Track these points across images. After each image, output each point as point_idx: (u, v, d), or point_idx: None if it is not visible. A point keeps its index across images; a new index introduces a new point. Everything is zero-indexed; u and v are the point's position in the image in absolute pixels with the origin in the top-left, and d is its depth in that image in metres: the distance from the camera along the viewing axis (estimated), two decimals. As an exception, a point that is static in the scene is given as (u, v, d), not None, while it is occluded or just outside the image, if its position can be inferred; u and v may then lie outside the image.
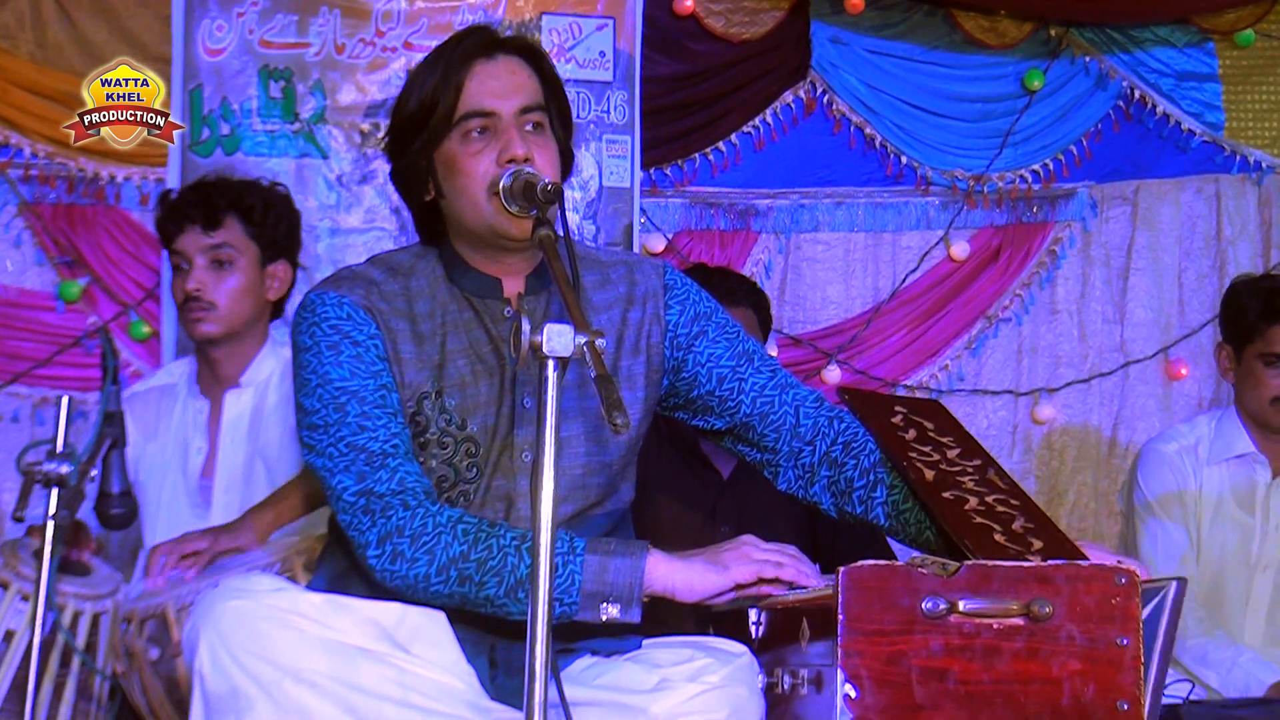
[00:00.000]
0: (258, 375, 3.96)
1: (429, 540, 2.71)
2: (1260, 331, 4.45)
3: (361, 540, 2.74)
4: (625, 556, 2.70)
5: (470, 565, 2.69)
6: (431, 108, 2.87)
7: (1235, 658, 4.25)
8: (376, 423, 2.78)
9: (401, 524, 2.72)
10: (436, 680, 2.67)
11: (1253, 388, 4.49)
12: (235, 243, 3.91)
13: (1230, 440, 4.53)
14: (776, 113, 5.43)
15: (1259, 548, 4.49)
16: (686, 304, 3.02)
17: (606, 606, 2.68)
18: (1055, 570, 2.48)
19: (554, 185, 2.73)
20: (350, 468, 2.76)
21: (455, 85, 2.86)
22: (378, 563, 2.72)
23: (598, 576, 2.68)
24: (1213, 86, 5.59)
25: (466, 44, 2.91)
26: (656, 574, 2.70)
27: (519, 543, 2.70)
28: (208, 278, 3.89)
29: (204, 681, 2.60)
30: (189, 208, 3.90)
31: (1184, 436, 4.59)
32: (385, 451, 2.77)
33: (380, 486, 2.74)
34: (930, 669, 2.45)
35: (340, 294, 2.86)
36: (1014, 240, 5.57)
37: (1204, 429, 4.59)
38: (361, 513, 2.74)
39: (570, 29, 5.08)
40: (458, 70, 2.87)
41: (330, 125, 4.95)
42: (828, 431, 3.02)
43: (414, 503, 2.74)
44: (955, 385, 5.52)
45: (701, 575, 2.72)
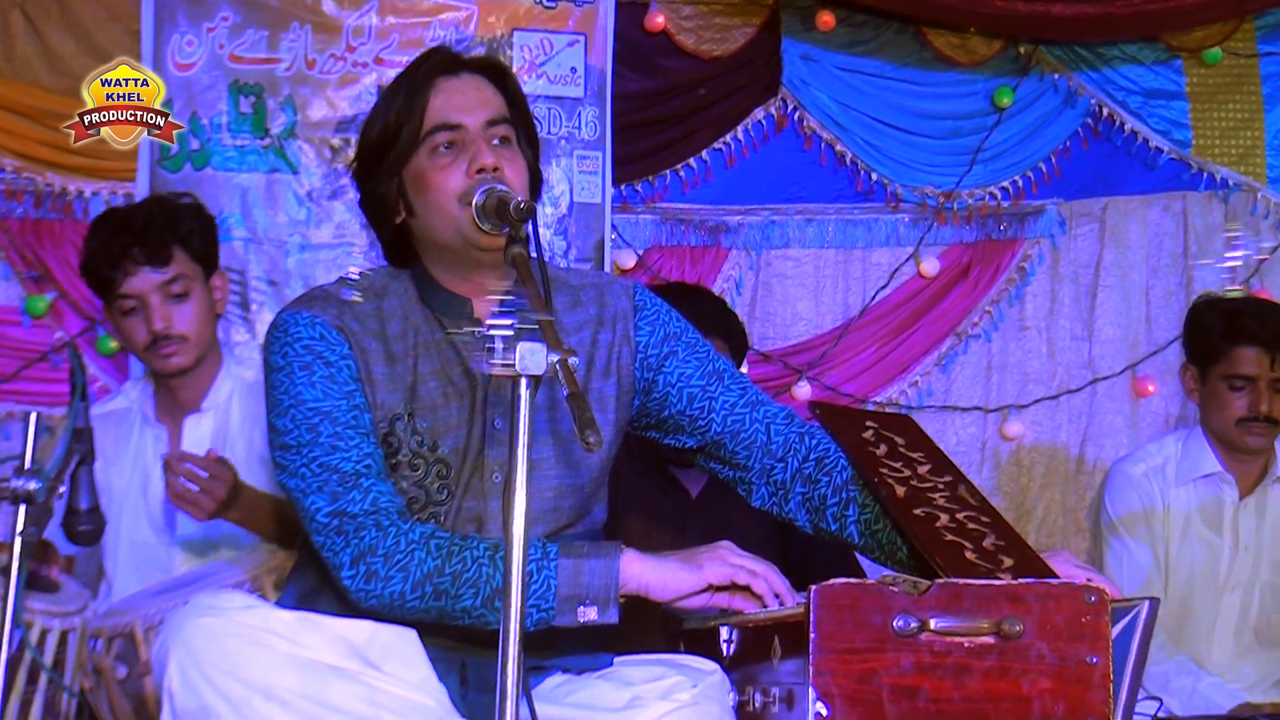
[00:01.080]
0: (218, 399, 3.93)
1: (402, 558, 2.70)
2: (1224, 353, 4.43)
3: (336, 561, 2.73)
4: (599, 558, 2.70)
5: (445, 579, 2.69)
6: (398, 128, 2.87)
7: (1195, 684, 4.26)
8: (349, 443, 2.78)
9: (375, 543, 2.71)
10: (407, 698, 2.65)
11: (1218, 409, 4.48)
12: (187, 272, 3.86)
13: (1197, 460, 4.52)
14: (747, 129, 5.44)
15: (1227, 568, 4.49)
16: (656, 324, 3.03)
17: (584, 609, 2.68)
18: (1026, 589, 2.48)
19: (527, 204, 2.72)
20: (323, 488, 2.75)
21: (420, 103, 2.87)
22: (353, 583, 2.71)
23: (573, 580, 2.68)
24: (1180, 104, 5.62)
25: (429, 63, 2.93)
26: (631, 573, 2.70)
27: (492, 553, 2.70)
28: (170, 312, 3.84)
29: (173, 699, 2.59)
30: (131, 249, 3.82)
31: (1152, 457, 4.58)
32: (358, 472, 2.76)
33: (353, 507, 2.74)
34: (901, 687, 2.45)
35: (313, 314, 2.86)
36: (983, 257, 5.59)
37: (1171, 449, 4.58)
38: (335, 533, 2.73)
39: (542, 45, 5.08)
40: (422, 88, 2.88)
41: (301, 140, 4.94)
42: (799, 448, 3.03)
43: (387, 522, 2.73)
44: (925, 401, 5.53)
45: (675, 573, 2.72)
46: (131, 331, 3.88)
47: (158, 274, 3.83)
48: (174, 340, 3.83)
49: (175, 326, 3.83)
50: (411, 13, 5.02)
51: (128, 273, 3.82)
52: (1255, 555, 4.48)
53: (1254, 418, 4.41)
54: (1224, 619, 4.48)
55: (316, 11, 4.95)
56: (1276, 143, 5.64)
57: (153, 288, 3.83)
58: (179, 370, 3.87)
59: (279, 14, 4.91)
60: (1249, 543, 4.48)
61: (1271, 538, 4.50)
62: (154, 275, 3.83)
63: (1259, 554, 4.48)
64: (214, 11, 4.88)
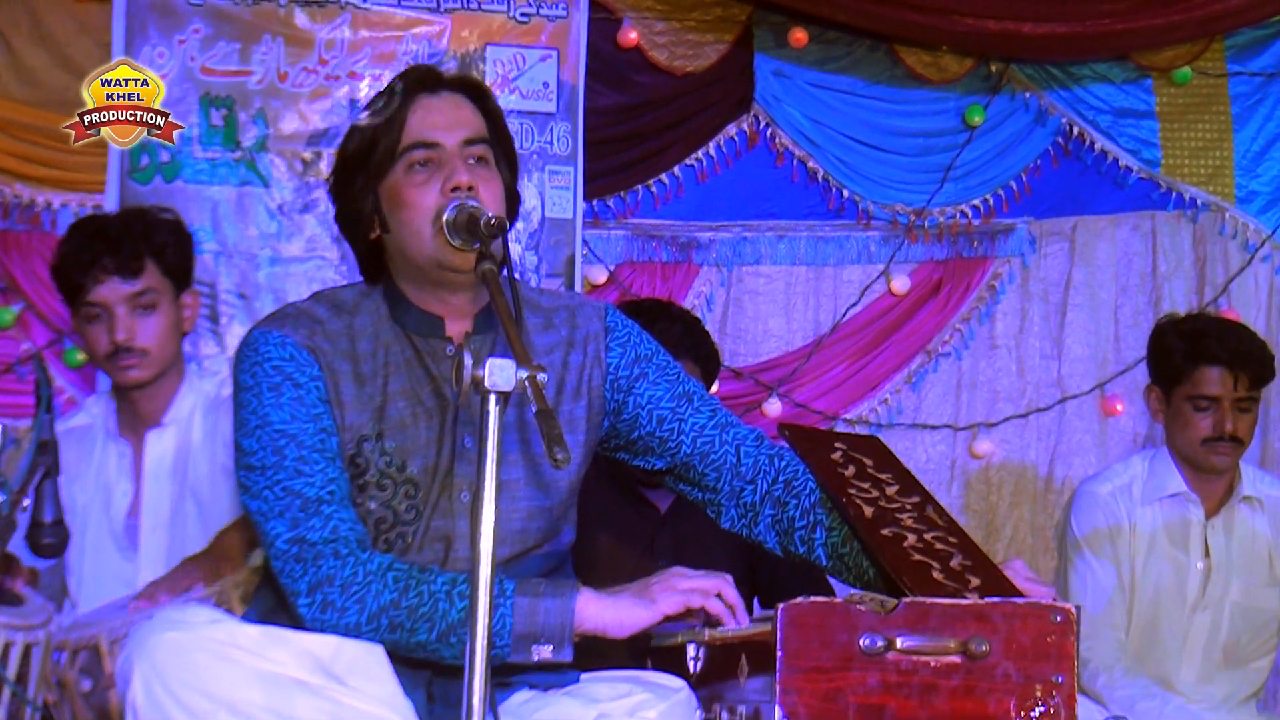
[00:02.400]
0: (179, 413, 3.90)
1: (359, 590, 2.70)
2: (1187, 374, 4.42)
3: (293, 588, 2.73)
4: (555, 597, 2.70)
5: (401, 613, 2.69)
6: (375, 143, 2.87)
7: (1162, 707, 4.26)
8: (314, 467, 2.77)
9: (332, 573, 2.71)
10: (373, 713, 2.64)
11: (1182, 429, 4.46)
12: (156, 285, 3.83)
13: (1163, 480, 4.51)
14: (719, 145, 5.45)
15: (1196, 588, 4.48)
16: (628, 346, 3.03)
17: (539, 648, 2.69)
18: (992, 608, 2.49)
19: (497, 219, 2.72)
20: (284, 513, 2.75)
21: (399, 119, 2.87)
22: (308, 611, 2.71)
23: (528, 618, 2.68)
24: (1150, 123, 5.64)
25: (409, 79, 2.93)
26: (587, 613, 2.71)
27: (450, 588, 2.70)
28: (135, 325, 3.81)
29: (138, 713, 2.58)
30: (102, 258, 3.79)
31: (1118, 476, 4.58)
32: (320, 498, 2.76)
33: (313, 534, 2.73)
34: (868, 706, 2.45)
35: (284, 333, 2.85)
36: (954, 275, 5.60)
37: (1138, 468, 4.57)
38: (294, 560, 2.73)
39: (514, 60, 5.08)
40: (401, 104, 2.88)
41: (272, 154, 4.93)
42: (768, 470, 3.03)
43: (345, 551, 2.73)
44: (895, 419, 5.54)
45: (630, 611, 2.72)
46: (94, 339, 3.85)
47: (127, 285, 3.80)
48: (135, 353, 3.81)
49: (137, 339, 3.80)
50: (384, 26, 5.01)
51: (97, 280, 3.79)
52: (1225, 574, 4.48)
53: (1219, 437, 4.40)
54: (1194, 638, 4.48)
55: (289, 24, 4.94)
56: (1245, 162, 5.66)
57: (120, 298, 3.80)
58: (136, 384, 3.84)
59: (251, 26, 4.90)
60: (1219, 562, 4.47)
61: (1240, 556, 4.50)
62: (123, 286, 3.80)
63: (1228, 573, 4.48)
64: (185, 23, 4.87)
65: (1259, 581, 4.51)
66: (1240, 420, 4.41)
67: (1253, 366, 4.40)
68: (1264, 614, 4.52)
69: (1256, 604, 4.51)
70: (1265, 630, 4.53)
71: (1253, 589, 4.50)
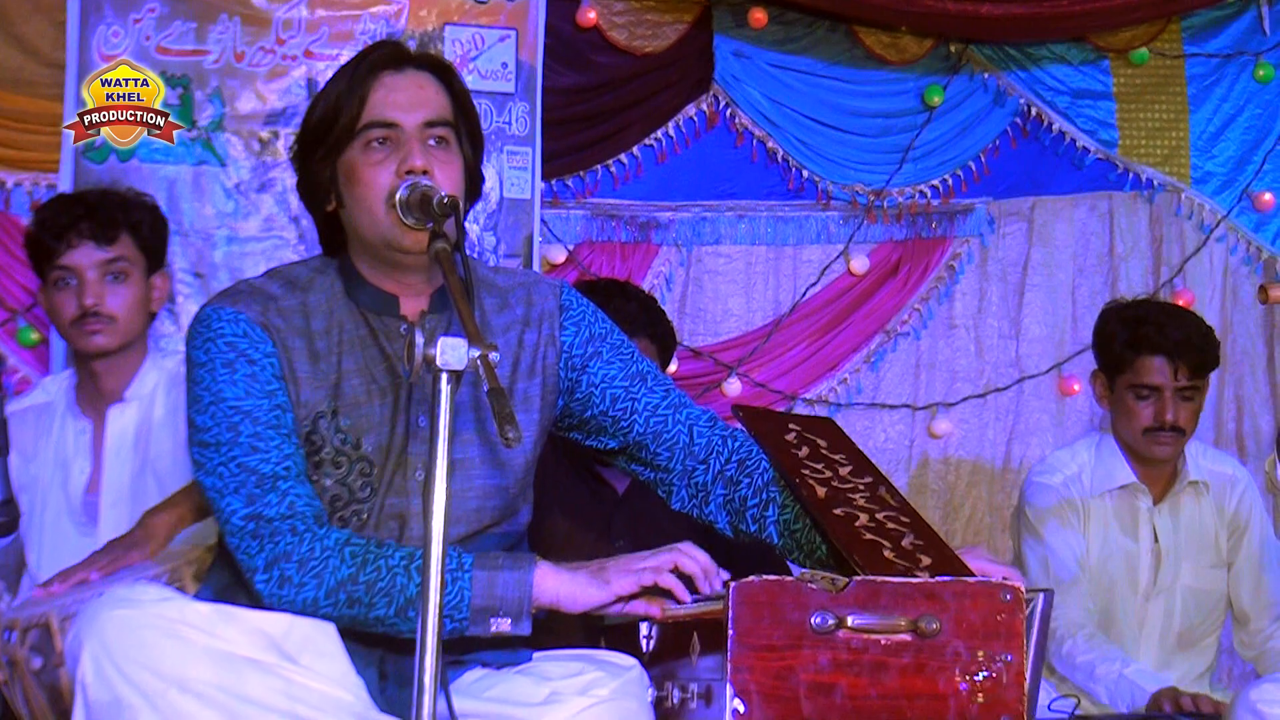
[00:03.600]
0: (142, 389, 3.91)
1: (316, 565, 2.69)
2: (1129, 362, 4.38)
3: (249, 565, 2.72)
4: (513, 570, 2.70)
5: (359, 588, 2.69)
6: (335, 116, 2.86)
7: (1121, 669, 4.26)
8: (269, 444, 2.76)
9: (289, 549, 2.70)
10: (324, 691, 2.64)
11: (1125, 418, 4.43)
12: (129, 256, 3.87)
13: (1111, 470, 4.47)
14: (679, 125, 5.45)
15: (1148, 574, 4.49)
16: (582, 325, 3.03)
17: (497, 620, 2.69)
18: (942, 587, 2.50)
19: (450, 198, 2.72)
20: (240, 490, 2.74)
21: (360, 95, 2.85)
22: (265, 588, 2.70)
23: (486, 591, 2.68)
24: (1107, 104, 5.67)
25: (375, 56, 2.91)
26: (544, 586, 2.70)
27: (407, 562, 2.70)
28: (104, 290, 3.83)
29: (86, 691, 2.57)
30: (80, 222, 3.82)
31: (1066, 466, 4.52)
32: (276, 474, 2.75)
33: (269, 510, 2.72)
34: (818, 684, 2.47)
35: (237, 309, 2.84)
36: (913, 255, 5.62)
37: (1084, 457, 4.51)
38: (250, 537, 2.72)
39: (473, 40, 5.07)
40: (364, 81, 2.86)
41: (229, 133, 4.91)
42: (722, 450, 3.03)
43: (302, 527, 2.72)
44: (854, 399, 5.55)
45: (584, 588, 2.72)
46: (61, 305, 3.86)
47: (100, 251, 3.83)
48: (102, 319, 3.83)
49: (106, 305, 3.83)
50: (341, 5, 4.99)
51: (71, 245, 3.82)
52: (1175, 560, 4.49)
53: (1159, 427, 4.37)
54: (1149, 625, 4.48)
55: (245, 4, 4.92)
56: (1200, 143, 5.70)
57: (93, 264, 3.83)
58: (100, 351, 3.85)
59: (207, 6, 4.88)
60: (1168, 547, 4.47)
61: (1187, 541, 4.50)
62: (97, 252, 3.83)
63: (1178, 559, 4.49)
64: (141, 3, 4.83)
65: (1207, 563, 4.52)
66: (1182, 409, 4.37)
67: (1194, 355, 4.36)
68: (1214, 595, 4.53)
69: (1206, 586, 4.52)
70: (1215, 610, 4.55)
71: (1202, 571, 4.51)
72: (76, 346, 3.90)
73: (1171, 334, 4.35)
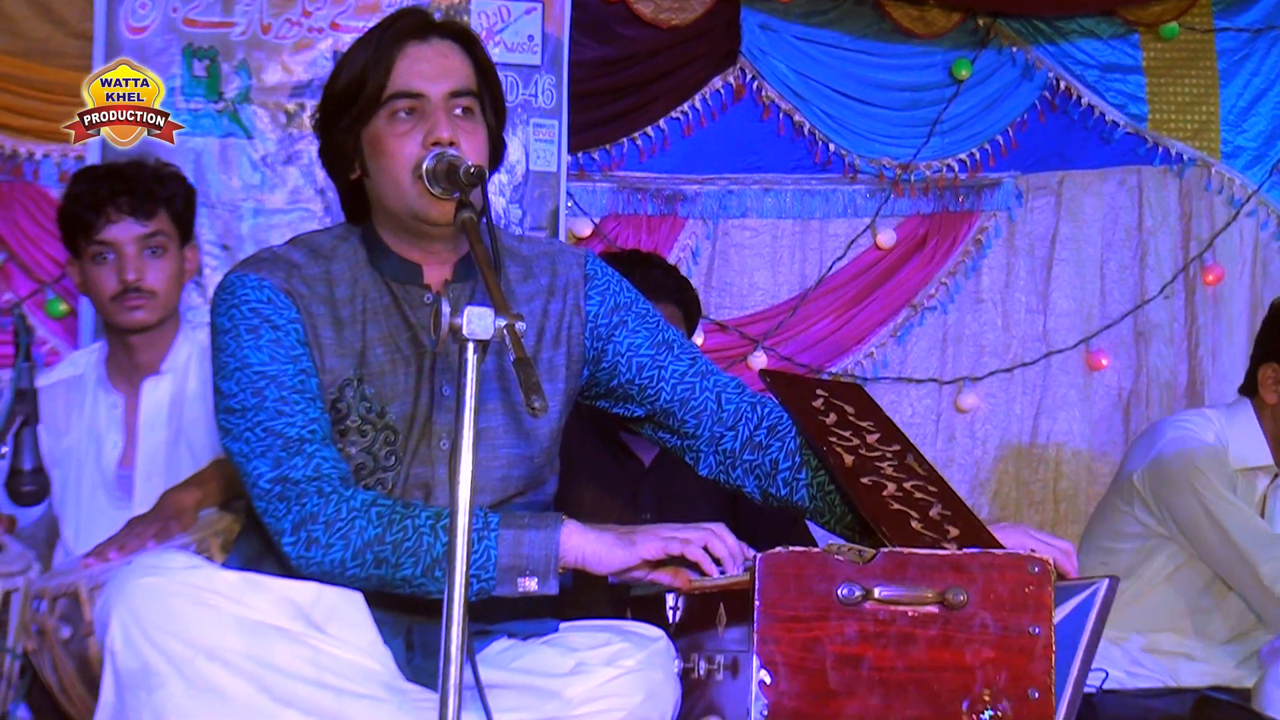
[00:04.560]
0: (176, 361, 3.92)
1: (343, 526, 2.70)
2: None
3: (277, 527, 2.72)
4: (539, 529, 2.69)
5: (386, 548, 2.69)
6: (360, 86, 2.85)
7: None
8: (294, 408, 2.77)
9: (316, 510, 2.70)
10: (352, 660, 2.66)
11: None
12: (167, 230, 3.88)
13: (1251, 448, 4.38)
14: (705, 98, 5.43)
15: None
16: (606, 294, 3.03)
17: (524, 580, 2.68)
18: (970, 559, 2.50)
19: (477, 168, 2.72)
20: (266, 453, 2.74)
21: (385, 65, 2.85)
22: (293, 550, 2.71)
23: (513, 550, 2.68)
24: (1136, 78, 5.63)
25: (400, 24, 2.90)
26: (571, 545, 2.70)
27: (434, 522, 2.70)
28: (144, 265, 3.84)
29: (115, 658, 2.58)
30: (119, 197, 3.82)
31: (1204, 431, 4.41)
32: (302, 437, 2.75)
33: (295, 473, 2.73)
34: (845, 655, 2.47)
35: (260, 276, 2.84)
36: (940, 229, 5.60)
37: (1218, 425, 4.41)
38: (277, 500, 2.73)
39: (499, 12, 5.06)
40: (389, 50, 2.86)
41: (255, 105, 4.90)
42: (750, 416, 3.03)
43: (329, 489, 2.72)
44: (880, 373, 5.54)
45: (610, 549, 2.71)
46: (101, 281, 3.87)
47: (140, 226, 3.84)
48: (144, 294, 3.83)
49: (147, 280, 3.84)
50: (368, -23, 4.99)
51: (110, 219, 3.82)
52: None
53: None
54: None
55: (272, -25, 4.92)
56: (1231, 118, 5.66)
57: (132, 238, 3.83)
58: (141, 326, 3.86)
59: (234, -23, 4.88)
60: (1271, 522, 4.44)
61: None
62: (136, 227, 3.84)
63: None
64: (168, -26, 4.84)
65: None
66: None
67: None
68: None
69: None
70: None
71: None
72: (116, 322, 3.90)
73: None
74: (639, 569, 2.73)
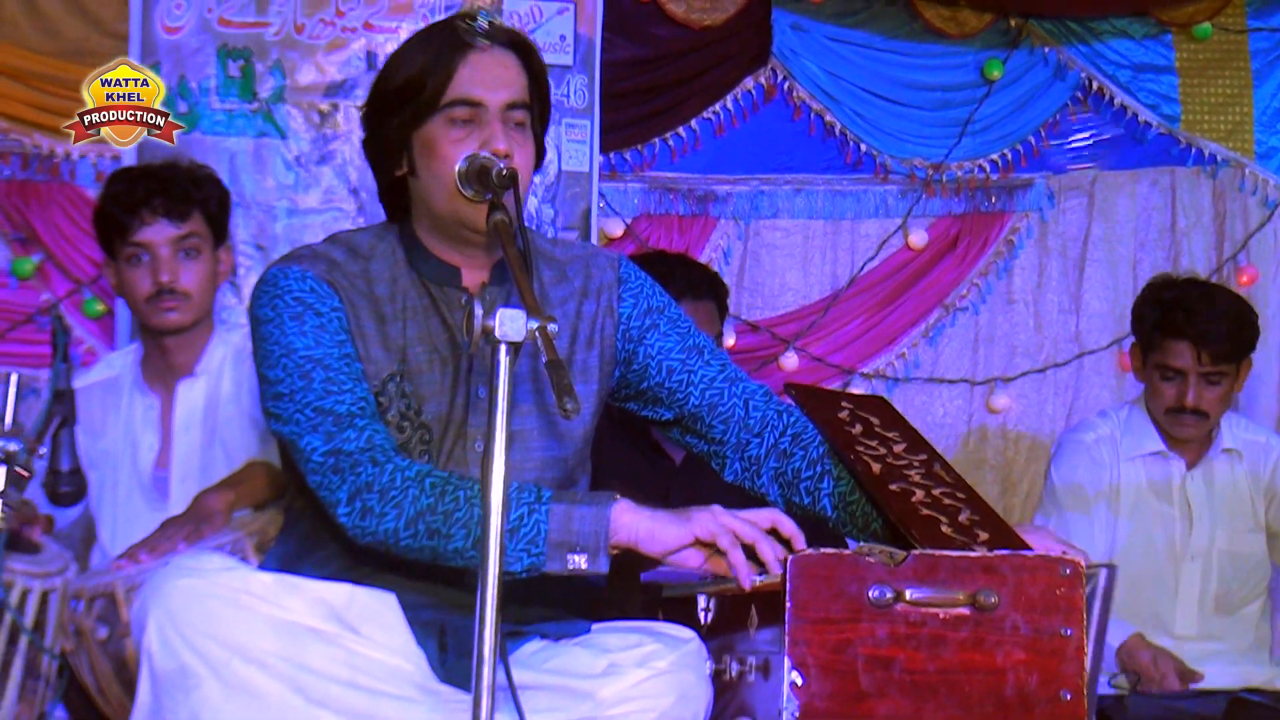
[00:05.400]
0: (211, 363, 3.93)
1: (397, 494, 2.70)
2: (1156, 343, 4.45)
3: (332, 499, 2.73)
4: (591, 505, 2.67)
5: (438, 518, 2.68)
6: (419, 87, 2.85)
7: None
8: (342, 387, 2.78)
9: (370, 480, 2.71)
10: (385, 662, 2.67)
11: (1152, 395, 4.51)
12: (200, 232, 3.89)
13: (1140, 438, 4.53)
14: (736, 99, 5.44)
15: (1182, 539, 4.51)
16: (640, 297, 3.04)
17: (573, 556, 2.65)
18: (1001, 560, 2.50)
19: (509, 170, 2.73)
20: (318, 429, 2.75)
21: (446, 69, 2.85)
22: (348, 519, 2.72)
23: (564, 525, 2.65)
24: (1169, 79, 5.62)
25: (462, 28, 2.89)
26: (622, 522, 2.66)
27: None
28: (178, 267, 3.85)
29: (152, 659, 2.60)
30: (154, 199, 3.84)
31: (1099, 427, 4.60)
32: (352, 413, 2.76)
33: (349, 445, 2.73)
34: (876, 657, 2.47)
35: (303, 268, 2.86)
36: (972, 229, 5.59)
37: (1114, 421, 4.60)
38: (331, 471, 2.73)
39: (531, 12, 5.07)
40: (451, 54, 2.85)
41: (289, 105, 4.92)
42: (776, 424, 3.03)
43: (382, 458, 2.73)
44: (911, 373, 5.54)
45: (664, 526, 2.67)
46: (135, 282, 3.88)
47: (174, 228, 3.86)
48: (177, 295, 3.85)
49: (181, 282, 3.85)
50: (401, -23, 5.01)
51: (144, 221, 3.84)
52: (1209, 525, 4.51)
53: (1181, 409, 4.43)
54: (1185, 590, 4.50)
55: (306, -25, 4.95)
56: (1265, 118, 5.64)
57: (166, 240, 3.85)
58: (175, 328, 3.88)
59: (268, -23, 4.91)
60: (1200, 512, 4.51)
61: (1222, 506, 4.53)
62: (170, 228, 3.85)
63: (1214, 523, 4.52)
64: (203, -26, 4.87)
65: (1243, 528, 4.55)
66: (1205, 393, 4.43)
67: (1220, 344, 4.40)
68: (1251, 559, 4.56)
69: (1243, 550, 4.54)
70: (1254, 576, 4.57)
71: (1237, 536, 4.54)
72: (150, 323, 3.91)
73: (1200, 320, 4.39)
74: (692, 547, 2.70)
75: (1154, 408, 4.52)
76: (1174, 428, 4.48)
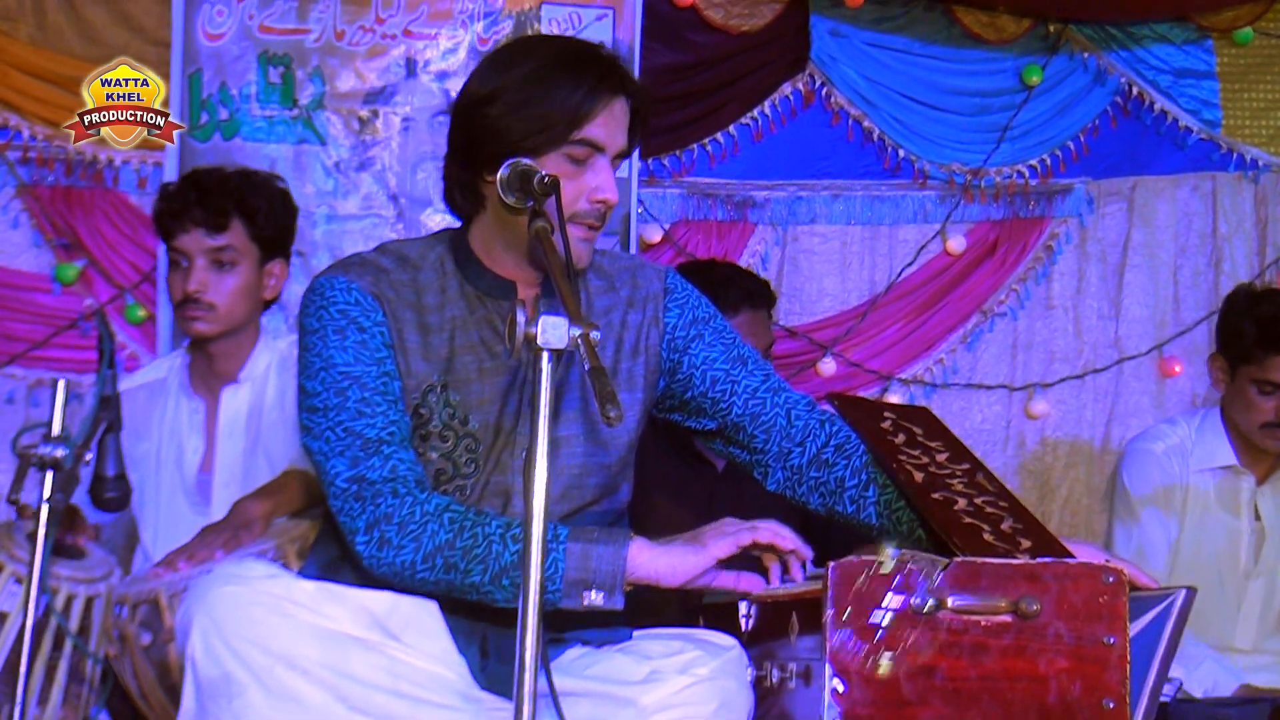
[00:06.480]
0: (255, 370, 3.95)
1: (415, 528, 2.72)
2: (1256, 358, 4.40)
3: (351, 526, 2.76)
4: (608, 544, 2.71)
5: (456, 553, 2.71)
6: (553, 118, 2.84)
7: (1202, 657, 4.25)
8: (375, 409, 2.80)
9: (390, 511, 2.73)
10: (427, 669, 2.69)
11: (1244, 409, 4.45)
12: (238, 245, 3.90)
13: (1212, 450, 4.50)
14: (775, 104, 5.44)
15: (1248, 553, 4.48)
16: (685, 308, 3.06)
17: (590, 594, 2.70)
18: (1043, 568, 2.49)
19: (551, 178, 2.73)
20: (345, 452, 2.78)
21: (587, 112, 2.84)
22: (365, 549, 2.74)
23: (581, 564, 2.69)
24: (1210, 84, 5.59)
25: (611, 75, 2.89)
26: (639, 561, 2.71)
27: (504, 531, 2.72)
28: (209, 278, 3.86)
29: (196, 666, 2.62)
30: (192, 208, 3.86)
31: (1168, 436, 4.56)
32: (381, 439, 2.78)
33: (372, 474, 2.76)
34: (918, 665, 2.46)
35: (349, 279, 2.88)
36: (1010, 235, 5.58)
37: (1185, 430, 4.56)
38: (353, 499, 2.76)
39: (570, 19, 5.08)
40: (592, 94, 2.85)
41: (329, 111, 4.95)
42: (818, 434, 3.04)
43: (403, 490, 2.75)
44: (950, 379, 5.53)
45: (682, 558, 2.73)
46: (172, 286, 3.95)
47: (209, 239, 3.88)
48: (202, 305, 3.86)
49: (207, 293, 3.86)
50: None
51: (184, 229, 3.88)
52: (1277, 540, 4.47)
53: (1278, 424, 4.39)
54: (1248, 605, 4.47)
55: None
56: (1306, 124, 5.63)
57: (200, 250, 3.88)
58: (200, 336, 3.90)
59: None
60: (1271, 527, 4.47)
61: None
62: (205, 239, 3.87)
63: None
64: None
65: None
66: None
67: None
68: None
69: None
70: None
71: None
72: (181, 329, 3.97)
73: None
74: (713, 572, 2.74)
75: (1243, 422, 4.46)
76: (1267, 442, 4.44)
